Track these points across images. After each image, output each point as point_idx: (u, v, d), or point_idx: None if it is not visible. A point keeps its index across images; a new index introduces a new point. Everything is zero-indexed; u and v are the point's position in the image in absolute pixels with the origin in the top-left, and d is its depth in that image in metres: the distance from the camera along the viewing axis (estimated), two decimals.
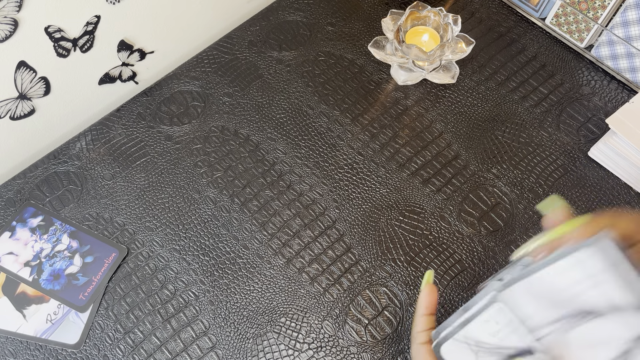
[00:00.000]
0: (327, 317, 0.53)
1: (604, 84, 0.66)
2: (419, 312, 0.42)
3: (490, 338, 0.35)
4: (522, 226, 0.57)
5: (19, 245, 0.57)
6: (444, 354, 0.38)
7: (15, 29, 0.53)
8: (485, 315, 0.36)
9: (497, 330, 0.35)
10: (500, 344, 0.35)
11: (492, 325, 0.35)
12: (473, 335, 0.36)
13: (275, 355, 0.51)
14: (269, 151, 0.62)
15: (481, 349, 0.36)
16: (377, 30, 0.71)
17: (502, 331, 0.35)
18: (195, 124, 0.65)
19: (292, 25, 0.72)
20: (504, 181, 0.60)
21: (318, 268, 0.55)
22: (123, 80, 0.68)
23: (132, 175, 0.61)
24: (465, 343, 0.36)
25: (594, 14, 0.64)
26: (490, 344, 0.35)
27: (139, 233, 0.58)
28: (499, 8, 0.72)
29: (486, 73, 0.67)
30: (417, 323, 0.42)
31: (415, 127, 0.63)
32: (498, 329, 0.35)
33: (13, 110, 0.59)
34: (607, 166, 0.60)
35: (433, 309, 0.42)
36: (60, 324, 0.53)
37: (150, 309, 0.54)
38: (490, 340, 0.35)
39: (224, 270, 0.55)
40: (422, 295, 0.43)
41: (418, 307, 0.43)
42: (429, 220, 0.57)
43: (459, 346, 0.37)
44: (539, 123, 0.63)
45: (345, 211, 0.58)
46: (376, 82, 0.67)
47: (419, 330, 0.41)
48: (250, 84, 0.67)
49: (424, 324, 0.41)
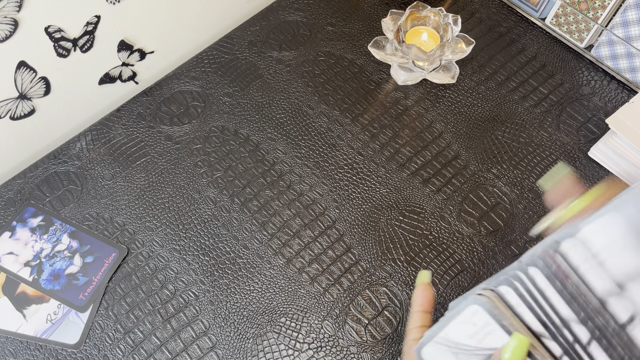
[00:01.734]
0: (327, 317, 0.53)
1: (604, 84, 0.66)
2: (413, 308, 0.43)
3: (469, 339, 0.35)
4: (522, 226, 0.57)
5: (19, 245, 0.57)
6: (424, 356, 0.38)
7: (15, 29, 0.53)
8: (462, 317, 0.35)
9: (474, 331, 0.35)
10: (478, 346, 0.35)
11: (469, 327, 0.35)
12: (451, 337, 0.36)
13: (275, 355, 0.51)
14: (269, 151, 0.62)
15: (461, 350, 0.36)
16: (377, 30, 0.71)
17: (479, 332, 0.35)
18: (195, 124, 0.65)
19: (292, 25, 0.72)
20: (504, 181, 0.60)
21: (318, 268, 0.55)
22: (123, 80, 0.68)
23: (132, 175, 0.61)
24: (445, 345, 0.36)
25: (594, 14, 0.64)
26: (469, 345, 0.35)
27: (139, 233, 0.58)
28: (499, 8, 0.72)
29: (486, 73, 0.67)
30: (411, 319, 0.42)
31: (415, 127, 0.63)
32: (475, 331, 0.35)
33: (13, 110, 0.59)
34: (607, 166, 0.60)
35: (428, 306, 0.43)
36: (60, 324, 0.53)
37: (150, 309, 0.54)
38: (469, 341, 0.35)
39: (224, 270, 0.55)
40: (415, 292, 0.43)
41: (412, 304, 0.43)
42: (429, 220, 0.57)
43: (440, 348, 0.37)
44: (539, 123, 0.63)
45: (345, 211, 0.58)
46: (376, 82, 0.67)
47: (412, 326, 0.42)
48: (250, 84, 0.67)
49: (417, 320, 0.42)
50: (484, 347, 0.35)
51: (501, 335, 0.34)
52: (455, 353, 0.36)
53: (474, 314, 0.35)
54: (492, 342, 0.34)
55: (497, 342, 0.34)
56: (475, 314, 0.35)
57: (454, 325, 0.36)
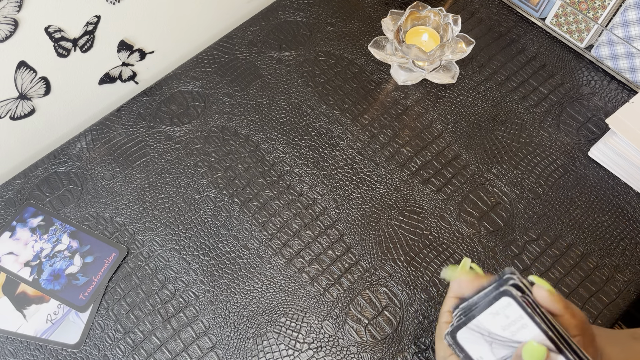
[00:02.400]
0: (327, 317, 0.53)
1: (604, 84, 0.66)
2: (449, 293, 0.42)
3: (502, 331, 0.35)
4: (522, 226, 0.57)
5: (19, 245, 0.57)
6: (460, 340, 0.38)
7: (15, 29, 0.53)
8: (495, 308, 0.36)
9: (507, 324, 0.35)
10: (512, 338, 0.35)
11: (502, 319, 0.35)
12: (485, 326, 0.36)
13: (275, 355, 0.51)
14: (269, 151, 0.62)
15: (495, 340, 0.36)
16: (377, 30, 0.71)
17: (512, 325, 0.35)
18: (195, 124, 0.65)
19: (292, 25, 0.72)
20: (504, 181, 0.60)
21: (318, 268, 0.55)
22: (123, 80, 0.68)
23: (132, 175, 0.61)
24: (479, 333, 0.36)
25: (594, 14, 0.64)
26: (503, 336, 0.35)
27: (139, 233, 0.58)
28: (499, 8, 0.72)
29: (486, 73, 0.67)
30: (445, 303, 0.42)
31: (415, 127, 0.63)
32: (508, 323, 0.35)
33: (13, 110, 0.59)
34: (607, 166, 0.60)
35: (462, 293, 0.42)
36: (60, 324, 0.53)
37: (150, 309, 0.54)
38: (503, 333, 0.35)
39: (224, 270, 0.55)
40: (454, 281, 0.42)
41: (450, 289, 0.43)
42: (429, 220, 0.57)
43: (474, 335, 0.37)
44: (539, 123, 0.63)
45: (345, 211, 0.58)
46: (376, 82, 0.67)
47: (445, 310, 0.42)
48: (250, 84, 0.67)
49: (450, 304, 0.42)
50: (518, 340, 0.35)
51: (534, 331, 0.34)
52: (489, 342, 0.36)
53: (506, 306, 0.35)
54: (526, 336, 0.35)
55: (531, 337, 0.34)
56: (508, 307, 0.35)
57: (487, 315, 0.36)
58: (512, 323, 0.35)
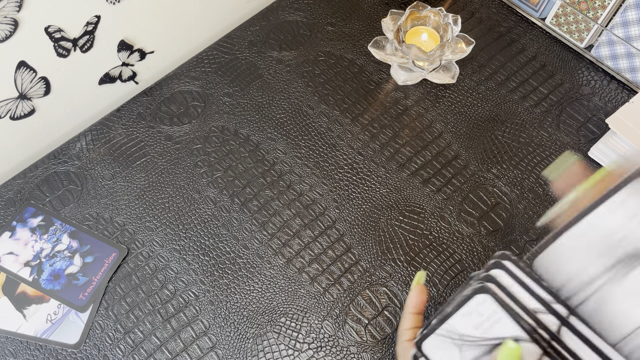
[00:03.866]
0: (327, 317, 0.53)
1: (604, 84, 0.66)
2: (406, 310, 0.43)
3: (474, 330, 0.35)
4: (522, 226, 0.57)
5: (19, 245, 0.57)
6: (426, 350, 0.37)
7: (15, 29, 0.53)
8: (468, 308, 0.35)
9: (480, 321, 0.35)
10: (484, 336, 0.35)
11: (475, 318, 0.35)
12: (455, 328, 0.36)
13: (275, 355, 0.51)
14: (269, 151, 0.62)
15: (465, 342, 0.35)
16: (377, 30, 0.71)
17: (485, 322, 0.35)
18: (195, 124, 0.65)
19: (292, 25, 0.72)
20: (504, 181, 0.60)
21: (318, 268, 0.55)
22: (123, 80, 0.68)
23: (132, 175, 0.61)
24: (448, 337, 0.36)
25: (594, 14, 0.64)
26: (474, 336, 0.35)
27: (139, 233, 0.58)
28: (499, 8, 0.72)
29: (486, 73, 0.67)
30: (404, 320, 0.42)
31: (415, 127, 0.63)
32: (481, 321, 0.35)
33: (13, 110, 0.59)
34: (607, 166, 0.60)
35: (421, 308, 0.43)
36: (60, 324, 0.53)
37: (150, 309, 0.54)
38: (474, 332, 0.35)
39: (224, 270, 0.55)
40: (411, 294, 0.44)
41: (406, 305, 0.43)
42: (429, 220, 0.57)
43: (442, 341, 0.36)
44: (539, 123, 0.63)
45: (345, 211, 0.58)
46: (376, 82, 0.67)
47: (406, 327, 0.42)
48: (250, 84, 0.67)
49: (410, 321, 0.42)
50: (490, 337, 0.35)
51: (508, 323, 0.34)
52: (459, 345, 0.36)
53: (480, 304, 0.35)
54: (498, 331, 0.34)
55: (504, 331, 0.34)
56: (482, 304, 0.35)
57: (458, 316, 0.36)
58: (486, 320, 0.35)
